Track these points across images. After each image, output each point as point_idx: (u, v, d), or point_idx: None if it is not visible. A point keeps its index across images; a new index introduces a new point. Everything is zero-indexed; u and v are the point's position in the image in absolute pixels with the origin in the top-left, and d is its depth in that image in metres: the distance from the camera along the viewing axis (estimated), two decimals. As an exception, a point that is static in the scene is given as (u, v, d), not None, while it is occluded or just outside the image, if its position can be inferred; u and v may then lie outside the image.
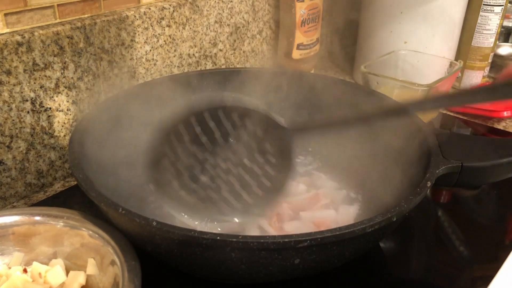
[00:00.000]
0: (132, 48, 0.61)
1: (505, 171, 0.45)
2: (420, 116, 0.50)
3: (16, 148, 0.53)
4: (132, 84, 0.62)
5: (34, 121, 0.54)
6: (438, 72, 0.74)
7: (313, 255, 0.36)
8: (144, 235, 0.38)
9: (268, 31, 0.83)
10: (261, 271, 0.37)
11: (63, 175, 0.59)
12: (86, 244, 0.41)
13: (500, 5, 0.81)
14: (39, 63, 0.52)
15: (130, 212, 0.36)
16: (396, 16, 0.80)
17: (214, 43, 0.73)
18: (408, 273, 0.48)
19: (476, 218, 0.56)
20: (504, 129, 0.75)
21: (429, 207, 0.57)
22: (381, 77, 0.68)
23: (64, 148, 0.58)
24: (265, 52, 0.84)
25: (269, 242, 0.33)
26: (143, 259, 0.38)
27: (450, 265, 0.48)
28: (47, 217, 0.42)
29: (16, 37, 0.50)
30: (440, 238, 0.52)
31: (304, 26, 0.79)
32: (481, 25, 0.83)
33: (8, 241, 0.42)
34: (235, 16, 0.75)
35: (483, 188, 0.60)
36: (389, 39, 0.82)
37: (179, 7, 0.65)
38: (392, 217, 0.36)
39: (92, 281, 0.40)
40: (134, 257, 0.38)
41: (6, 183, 0.54)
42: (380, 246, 0.50)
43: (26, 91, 0.52)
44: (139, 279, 0.36)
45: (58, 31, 0.53)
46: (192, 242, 0.35)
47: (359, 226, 0.35)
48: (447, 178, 0.43)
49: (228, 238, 0.34)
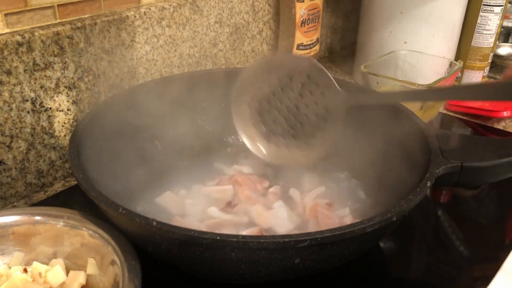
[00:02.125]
0: (132, 48, 0.61)
1: (505, 171, 0.45)
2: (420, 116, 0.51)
3: (17, 148, 0.53)
4: (132, 84, 0.62)
5: (35, 121, 0.54)
6: (438, 72, 0.74)
7: (313, 255, 0.36)
8: (144, 235, 0.38)
9: (268, 31, 0.83)
10: (261, 271, 0.37)
11: (63, 175, 0.59)
12: (86, 244, 0.41)
13: (500, 5, 0.81)
14: (39, 63, 0.52)
15: (130, 212, 0.36)
16: (396, 16, 0.80)
17: (214, 43, 0.73)
18: (408, 273, 0.48)
19: (476, 218, 0.56)
20: (504, 129, 0.75)
21: (429, 207, 0.57)
22: (381, 77, 0.68)
23: (65, 148, 0.58)
24: (265, 52, 0.84)
25: (269, 242, 0.34)
26: (143, 259, 0.38)
27: (450, 265, 0.48)
28: (47, 217, 0.42)
29: (16, 37, 0.50)
30: (440, 238, 0.52)
31: (304, 26, 0.79)
32: (481, 25, 0.83)
33: (8, 241, 0.42)
34: (235, 16, 0.75)
35: (483, 188, 0.60)
36: (389, 39, 0.82)
37: (179, 7, 0.65)
38: (392, 217, 0.37)
39: (92, 281, 0.40)
40: (134, 257, 0.38)
41: (6, 183, 0.54)
42: (380, 246, 0.50)
43: (27, 91, 0.52)
44: (139, 279, 0.36)
45: (58, 31, 0.53)
46: (192, 242, 0.35)
47: (359, 226, 0.35)
48: (447, 178, 0.43)
49: (228, 238, 0.34)
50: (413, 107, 0.56)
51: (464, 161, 0.43)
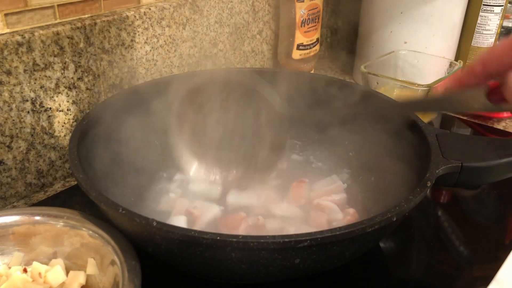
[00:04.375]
0: (132, 48, 0.61)
1: (505, 171, 0.45)
2: (420, 116, 0.51)
3: (17, 148, 0.53)
4: (132, 84, 0.62)
5: (34, 121, 0.54)
6: (438, 72, 0.74)
7: (313, 255, 0.36)
8: (144, 235, 0.38)
9: (268, 31, 0.83)
10: (261, 271, 0.37)
11: (63, 175, 0.59)
12: (86, 244, 0.41)
13: (500, 5, 0.81)
14: (39, 63, 0.52)
15: (130, 212, 0.36)
16: (396, 16, 0.80)
17: (214, 43, 0.73)
18: (408, 273, 0.48)
19: (476, 218, 0.56)
20: (504, 129, 0.75)
21: (429, 207, 0.57)
22: (381, 77, 0.68)
23: (64, 148, 0.58)
24: (265, 52, 0.84)
25: (269, 242, 0.33)
26: (143, 259, 0.38)
27: (450, 265, 0.48)
28: (47, 217, 0.42)
29: (16, 37, 0.50)
30: (440, 238, 0.52)
31: (304, 26, 0.79)
32: (481, 25, 0.83)
33: (8, 241, 0.42)
34: (235, 16, 0.75)
35: (483, 188, 0.60)
36: (389, 39, 0.82)
37: (179, 7, 0.65)
38: (392, 217, 0.37)
39: (92, 281, 0.40)
40: (134, 257, 0.38)
41: (6, 183, 0.54)
42: (380, 246, 0.50)
43: (26, 91, 0.52)
44: (139, 279, 0.36)
45: (58, 31, 0.53)
46: (192, 242, 0.35)
47: (359, 226, 0.35)
48: (447, 178, 0.43)
49: (228, 238, 0.34)
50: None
51: (464, 161, 0.43)
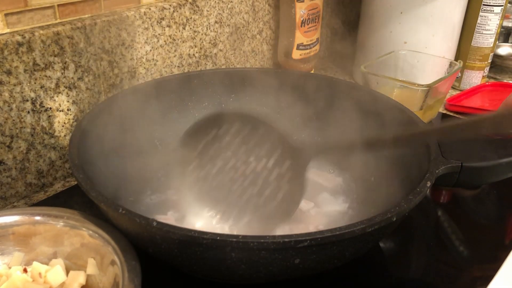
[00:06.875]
0: (132, 48, 0.61)
1: (505, 171, 0.45)
2: (420, 116, 0.50)
3: (17, 148, 0.53)
4: (132, 84, 0.62)
5: (35, 121, 0.54)
6: (438, 72, 0.74)
7: (313, 255, 0.36)
8: (144, 235, 0.38)
9: (268, 31, 0.83)
10: (261, 271, 0.37)
11: (64, 175, 0.59)
12: (86, 244, 0.41)
13: (500, 5, 0.81)
14: (39, 63, 0.52)
15: (130, 212, 0.36)
16: (396, 16, 0.80)
17: (214, 43, 0.73)
18: (408, 273, 0.48)
19: (476, 218, 0.56)
20: (504, 129, 0.75)
21: (429, 207, 0.57)
22: (381, 77, 0.68)
23: (65, 148, 0.58)
24: (265, 52, 0.84)
25: (269, 242, 0.33)
26: (143, 259, 0.38)
27: (450, 265, 0.48)
28: (47, 217, 0.42)
29: (16, 37, 0.50)
30: (440, 238, 0.52)
31: (304, 26, 0.79)
32: (481, 25, 0.83)
33: (8, 241, 0.42)
34: (235, 16, 0.75)
35: (483, 188, 0.60)
36: (389, 39, 0.82)
37: (179, 7, 0.65)
38: (392, 217, 0.37)
39: (92, 281, 0.40)
40: (134, 257, 0.38)
41: (6, 183, 0.54)
42: (380, 246, 0.50)
43: (27, 91, 0.52)
44: (139, 279, 0.36)
45: (58, 31, 0.53)
46: (192, 242, 0.35)
47: (359, 226, 0.35)
48: (447, 178, 0.43)
49: (228, 238, 0.34)
50: (413, 107, 0.56)
51: (464, 161, 0.43)
